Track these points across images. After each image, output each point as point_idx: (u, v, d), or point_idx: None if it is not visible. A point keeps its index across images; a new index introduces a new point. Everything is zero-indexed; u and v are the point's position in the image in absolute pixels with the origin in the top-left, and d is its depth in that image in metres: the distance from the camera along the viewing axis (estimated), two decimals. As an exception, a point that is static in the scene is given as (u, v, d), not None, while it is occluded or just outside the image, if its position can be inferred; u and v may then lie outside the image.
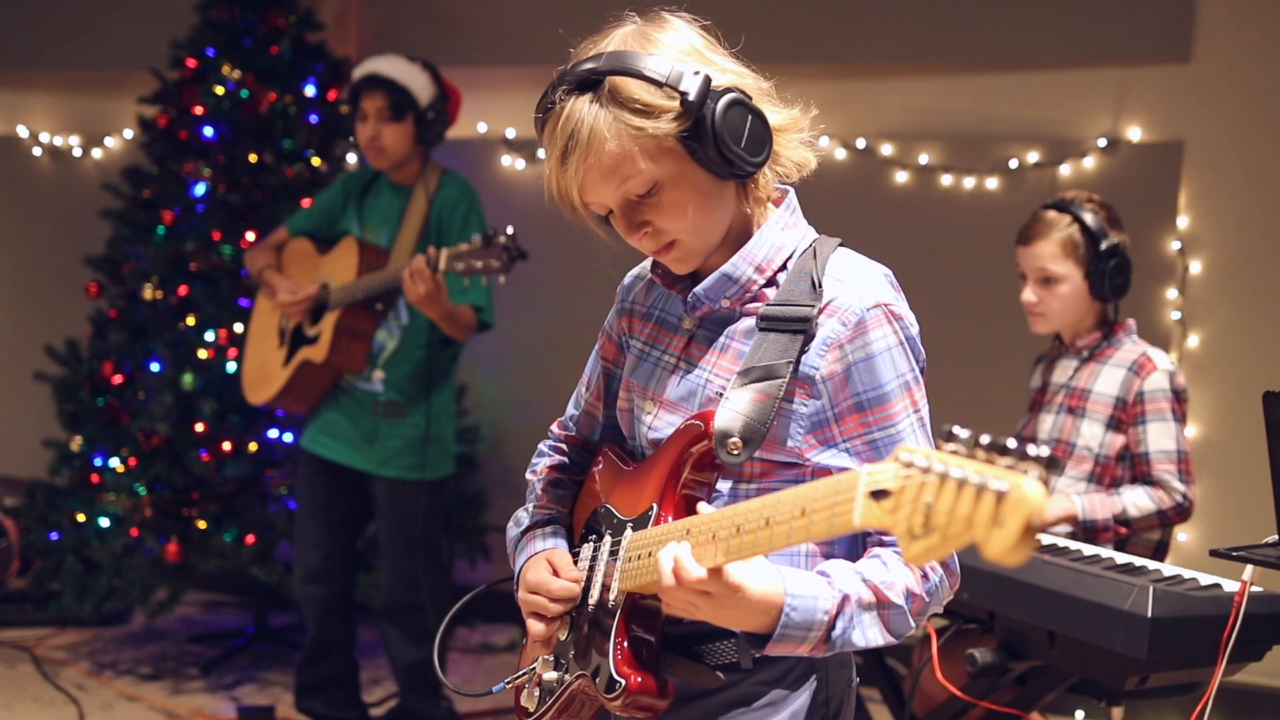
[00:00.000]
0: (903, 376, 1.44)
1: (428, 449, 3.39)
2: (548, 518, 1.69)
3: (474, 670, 4.18)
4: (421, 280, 3.04)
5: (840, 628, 1.38)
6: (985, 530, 0.96)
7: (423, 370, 3.38)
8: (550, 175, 1.45)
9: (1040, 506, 0.94)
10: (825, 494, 1.18)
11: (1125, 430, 2.70)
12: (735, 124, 1.40)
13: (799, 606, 1.35)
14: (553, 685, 1.57)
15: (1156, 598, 1.99)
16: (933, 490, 1.01)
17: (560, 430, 1.78)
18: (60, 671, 4.05)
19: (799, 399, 1.44)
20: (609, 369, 1.71)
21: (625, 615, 1.48)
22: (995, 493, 0.96)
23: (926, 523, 1.01)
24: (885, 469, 1.09)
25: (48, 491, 4.32)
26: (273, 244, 3.62)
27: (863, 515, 1.11)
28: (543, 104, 1.45)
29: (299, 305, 3.40)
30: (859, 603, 1.39)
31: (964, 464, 1.00)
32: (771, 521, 1.24)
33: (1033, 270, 2.75)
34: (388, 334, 3.38)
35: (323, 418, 3.48)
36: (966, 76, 4.14)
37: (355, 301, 3.30)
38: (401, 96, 3.35)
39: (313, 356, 3.36)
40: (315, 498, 3.52)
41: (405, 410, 3.39)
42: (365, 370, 3.39)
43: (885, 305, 1.44)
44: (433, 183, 3.41)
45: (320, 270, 3.47)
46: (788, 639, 1.36)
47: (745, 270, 1.50)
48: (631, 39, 1.44)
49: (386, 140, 3.36)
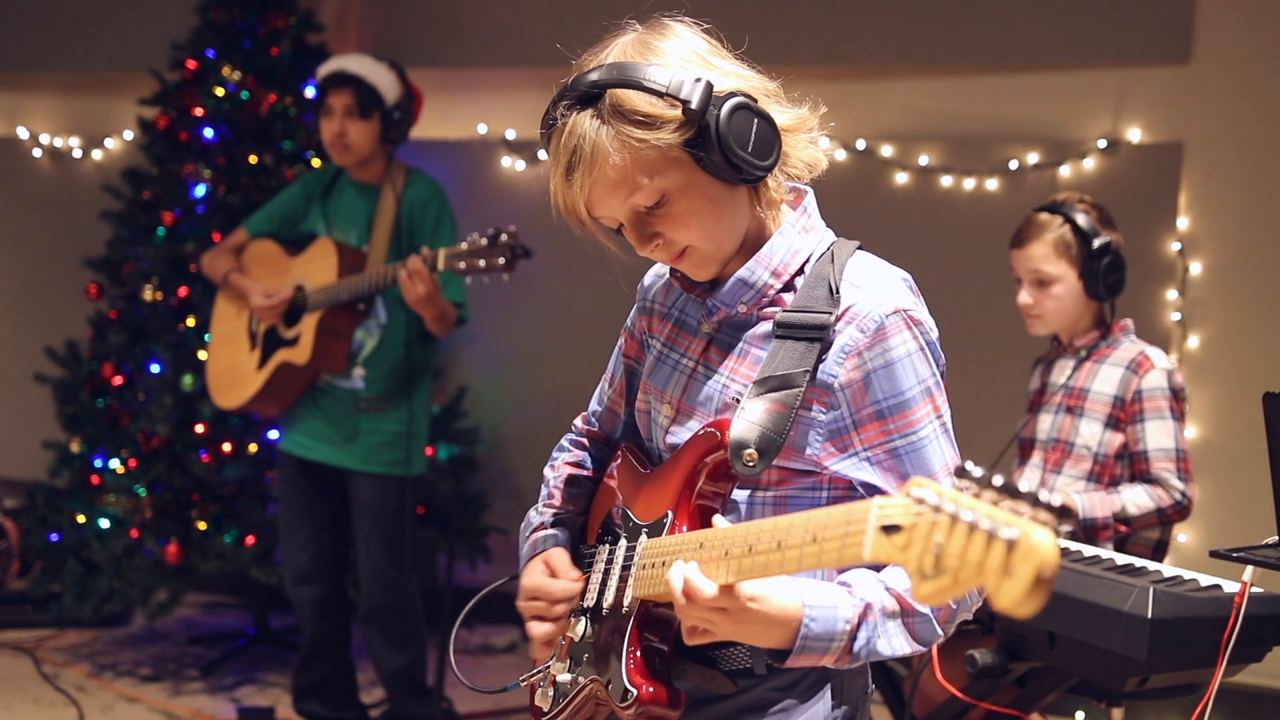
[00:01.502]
0: (924, 382, 1.42)
1: (410, 445, 3.40)
2: (554, 519, 1.69)
3: (474, 671, 4.18)
4: (421, 280, 3.05)
5: (864, 637, 1.35)
6: (996, 579, 0.94)
7: (402, 367, 3.39)
8: (556, 191, 1.43)
9: (1051, 559, 0.91)
10: (837, 523, 1.15)
11: (1124, 429, 2.71)
12: (741, 129, 1.38)
13: (818, 618, 1.33)
14: (566, 687, 1.57)
15: (1156, 599, 1.98)
16: (944, 531, 0.99)
17: (583, 425, 1.78)
18: (60, 673, 4.05)
19: (817, 408, 1.42)
20: (631, 366, 1.70)
21: (638, 623, 1.47)
22: (1006, 541, 0.93)
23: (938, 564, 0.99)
24: (896, 503, 1.06)
25: (48, 493, 4.32)
26: (232, 246, 3.61)
27: (873, 550, 1.08)
28: (545, 120, 1.43)
29: (274, 308, 3.39)
30: (882, 611, 1.37)
31: (975, 506, 0.97)
32: (784, 545, 1.22)
33: (1027, 272, 2.76)
34: (366, 333, 3.39)
35: (301, 419, 3.48)
36: (967, 77, 4.14)
37: (339, 303, 3.30)
38: (369, 94, 3.36)
39: (294, 358, 3.36)
40: (299, 499, 3.52)
41: (386, 407, 3.40)
42: (346, 369, 3.39)
43: (904, 311, 1.42)
44: (400, 181, 3.42)
45: (292, 272, 3.45)
46: (809, 651, 1.34)
47: (761, 275, 1.48)
48: (632, 49, 1.42)
49: (353, 137, 3.36)
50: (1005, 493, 0.97)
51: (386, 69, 3.42)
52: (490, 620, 4.57)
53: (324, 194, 3.55)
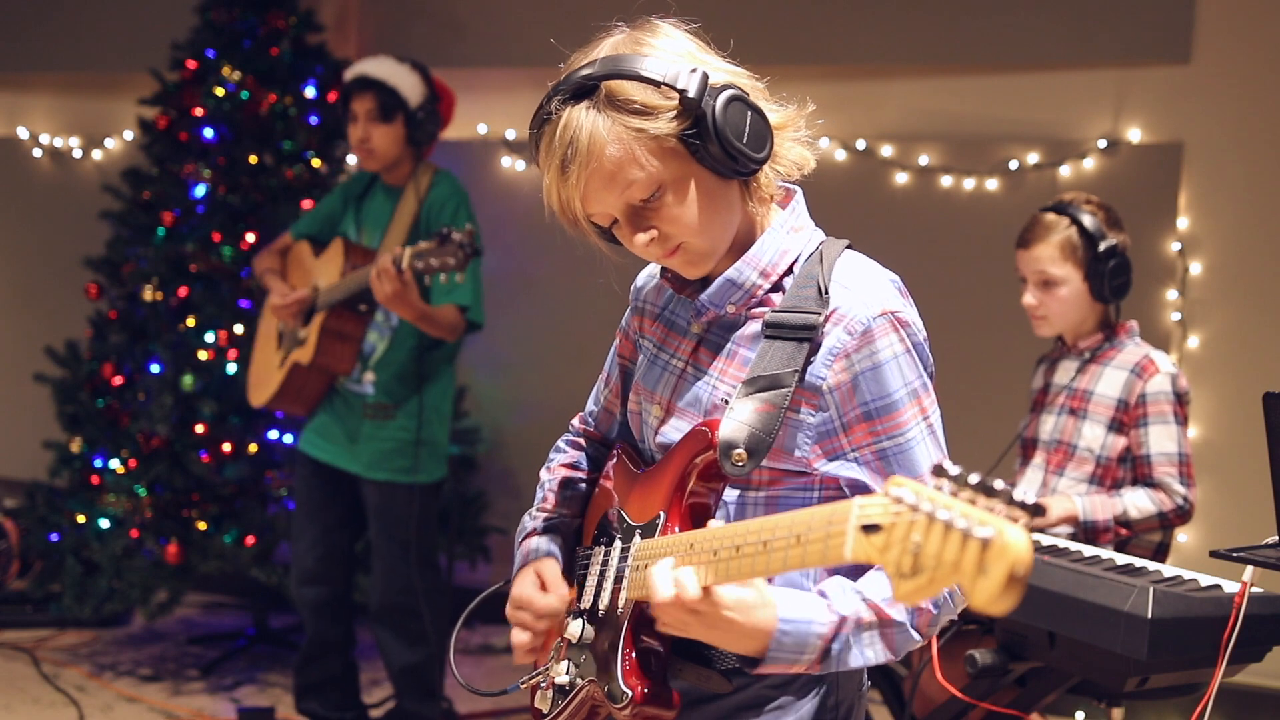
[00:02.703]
0: (910, 385, 1.42)
1: (419, 452, 3.37)
2: (546, 524, 1.69)
3: (474, 671, 4.18)
4: (387, 279, 3.00)
5: (835, 649, 1.37)
6: (970, 578, 0.95)
7: (411, 372, 3.36)
8: (550, 188, 1.42)
9: (1024, 557, 0.93)
10: (820, 523, 1.16)
11: (1127, 432, 2.70)
12: (736, 120, 1.38)
13: (791, 631, 1.34)
14: (565, 688, 1.57)
15: (1156, 599, 1.98)
16: (921, 530, 1.00)
17: (580, 425, 1.78)
18: (60, 673, 4.05)
19: (805, 409, 1.42)
20: (625, 367, 1.71)
21: (633, 624, 1.47)
22: (980, 540, 0.94)
23: (915, 563, 1.00)
24: (875, 502, 1.08)
25: (48, 493, 4.33)
26: (279, 248, 3.63)
27: (853, 550, 1.09)
28: (537, 118, 1.42)
29: (289, 308, 3.40)
30: (857, 624, 1.38)
31: (951, 504, 0.99)
32: (769, 546, 1.22)
33: (1032, 273, 2.75)
34: (378, 335, 3.38)
35: (317, 420, 3.48)
36: (966, 77, 4.14)
37: (338, 303, 3.30)
38: (390, 98, 3.35)
39: (300, 358, 3.36)
40: (311, 499, 3.52)
41: (393, 412, 3.38)
42: (355, 372, 3.39)
43: (892, 313, 1.42)
44: (424, 183, 3.40)
45: (314, 273, 3.47)
46: (779, 661, 1.35)
47: (750, 275, 1.48)
48: (624, 45, 1.42)
49: (376, 142, 3.35)
50: (982, 491, 0.98)
51: (409, 70, 3.40)
52: (490, 620, 4.57)
53: (360, 197, 3.55)
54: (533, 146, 1.44)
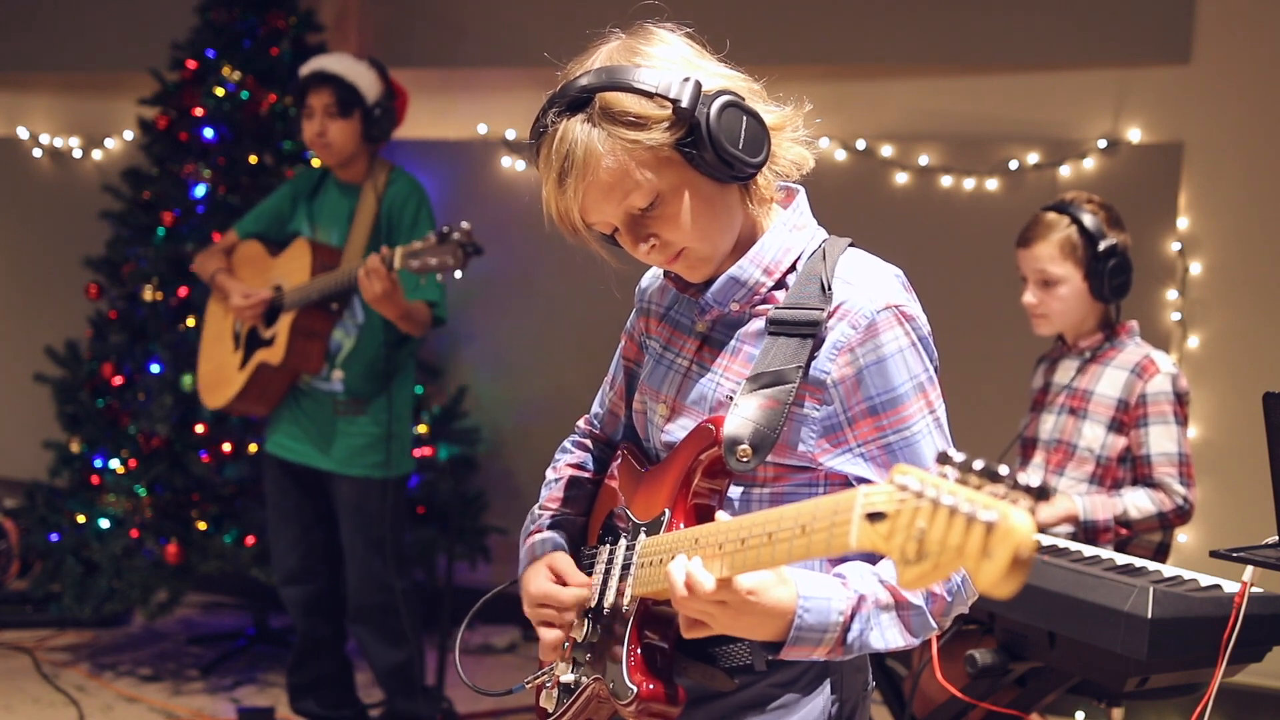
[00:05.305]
0: (916, 378, 1.42)
1: (390, 447, 3.39)
2: (551, 521, 1.69)
3: (474, 671, 4.18)
4: (378, 279, 3.03)
5: (857, 629, 1.36)
6: (975, 562, 0.95)
7: (380, 368, 3.38)
8: (549, 199, 1.43)
9: (1027, 540, 0.93)
10: (825, 513, 1.16)
11: (1127, 432, 2.70)
12: (731, 126, 1.39)
13: (812, 608, 1.33)
14: (570, 687, 1.58)
15: (1156, 599, 1.98)
16: (926, 516, 1.00)
17: (586, 426, 1.79)
18: (60, 673, 4.05)
19: (809, 404, 1.42)
20: (630, 368, 1.71)
21: (638, 621, 1.47)
22: (984, 524, 0.95)
23: (920, 549, 1.00)
24: (880, 490, 1.08)
25: (48, 493, 4.32)
26: (223, 248, 3.62)
27: (858, 538, 1.09)
28: (535, 129, 1.43)
29: (253, 309, 3.40)
30: (876, 603, 1.37)
31: (956, 490, 0.99)
32: (774, 537, 1.22)
33: (1032, 272, 2.75)
34: (344, 333, 3.38)
35: (283, 420, 3.48)
36: (966, 77, 4.14)
37: (310, 302, 3.30)
38: (348, 93, 3.36)
39: (269, 359, 3.36)
40: (284, 500, 3.52)
41: (364, 408, 3.39)
42: (323, 370, 3.39)
43: (896, 306, 1.42)
44: (381, 180, 3.42)
45: (273, 272, 3.46)
46: (802, 642, 1.34)
47: (753, 273, 1.49)
48: (618, 54, 1.42)
49: (333, 136, 3.36)
50: (986, 476, 0.98)
51: (367, 67, 3.43)
52: (491, 620, 4.58)
53: (310, 194, 3.55)
54: (533, 155, 1.45)
